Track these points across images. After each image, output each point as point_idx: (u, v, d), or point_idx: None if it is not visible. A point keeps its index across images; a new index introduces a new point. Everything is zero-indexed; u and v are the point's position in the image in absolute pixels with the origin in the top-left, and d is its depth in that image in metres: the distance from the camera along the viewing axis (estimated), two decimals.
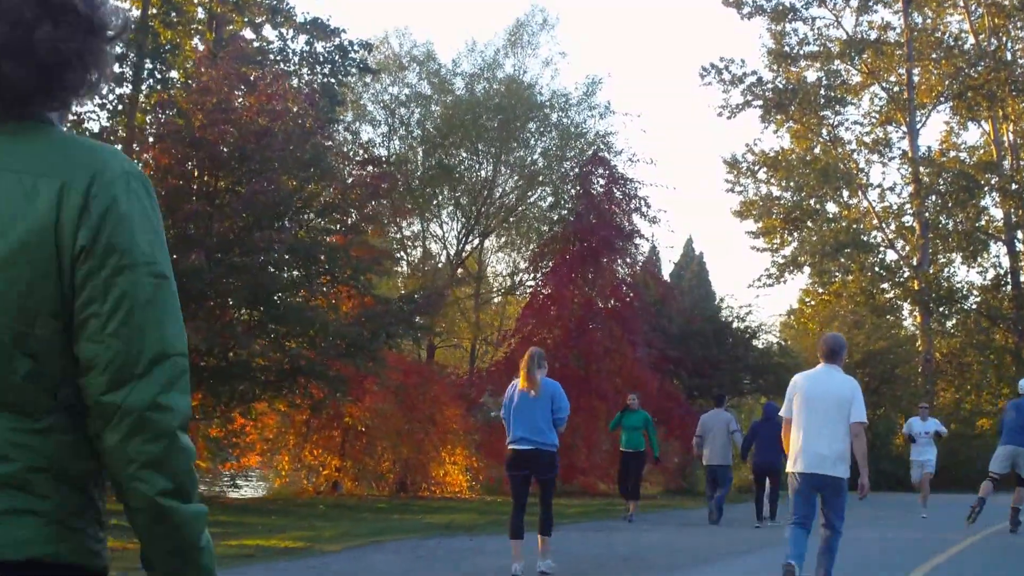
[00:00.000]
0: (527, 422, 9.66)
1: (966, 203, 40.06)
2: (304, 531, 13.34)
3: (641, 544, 13.33)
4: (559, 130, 28.49)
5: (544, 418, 9.65)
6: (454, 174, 27.96)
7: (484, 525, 15.39)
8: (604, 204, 26.91)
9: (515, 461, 9.82)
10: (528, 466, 9.76)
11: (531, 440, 9.65)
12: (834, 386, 8.40)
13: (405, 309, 19.41)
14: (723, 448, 17.23)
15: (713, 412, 17.90)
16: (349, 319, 19.15)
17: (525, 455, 9.71)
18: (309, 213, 19.92)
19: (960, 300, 40.44)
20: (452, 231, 28.68)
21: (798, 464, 8.38)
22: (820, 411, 8.30)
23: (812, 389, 8.41)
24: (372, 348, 18.59)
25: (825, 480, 8.28)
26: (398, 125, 28.21)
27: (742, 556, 12.25)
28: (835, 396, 8.32)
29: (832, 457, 8.25)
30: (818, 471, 8.27)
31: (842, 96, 41.45)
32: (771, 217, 42.55)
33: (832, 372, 8.48)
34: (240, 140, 18.27)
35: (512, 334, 27.01)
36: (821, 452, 8.25)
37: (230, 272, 17.62)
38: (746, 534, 15.22)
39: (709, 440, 17.29)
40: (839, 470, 8.29)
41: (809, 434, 8.31)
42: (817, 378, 8.51)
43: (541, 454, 9.68)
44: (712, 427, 17.32)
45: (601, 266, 26.48)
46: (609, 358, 26.23)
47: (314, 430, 23.57)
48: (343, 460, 23.17)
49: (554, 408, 9.67)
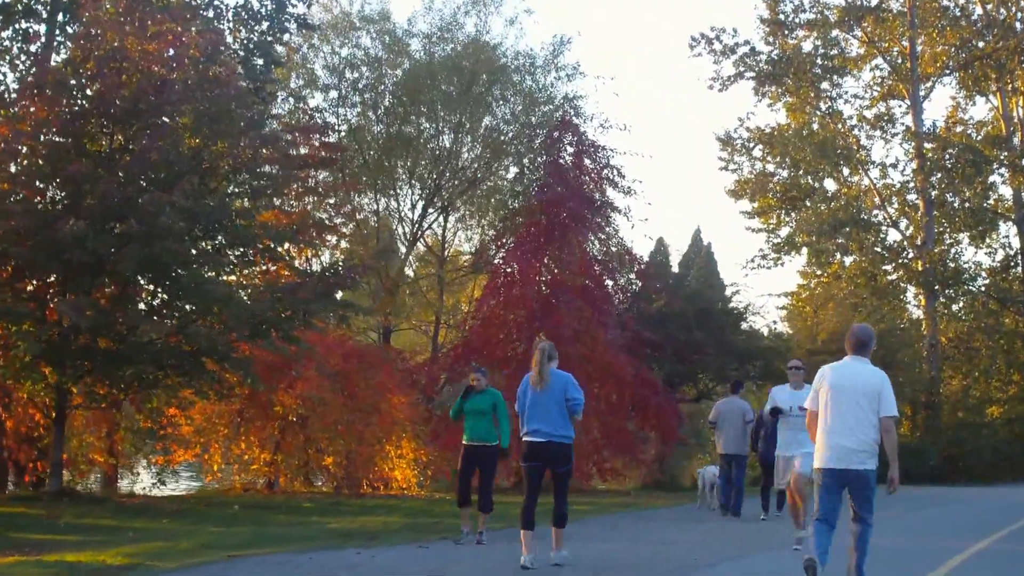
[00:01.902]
0: (542, 414, 9.73)
1: (973, 179, 37.65)
2: (157, 542, 11.10)
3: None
4: (525, 95, 26.13)
5: (559, 410, 9.70)
6: (412, 144, 25.64)
7: (401, 531, 13.12)
8: (573, 174, 24.58)
9: (530, 453, 9.84)
10: (543, 458, 9.79)
11: (545, 432, 9.69)
12: (862, 378, 8.23)
13: (320, 284, 17.03)
14: (739, 436, 16.61)
15: (729, 399, 17.20)
16: (265, 295, 16.88)
17: (539, 447, 9.75)
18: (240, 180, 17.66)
19: (967, 282, 38.10)
20: (408, 203, 26.35)
21: (823, 459, 8.22)
22: (847, 404, 8.15)
23: (839, 381, 8.26)
24: (286, 327, 16.30)
25: (851, 475, 8.13)
26: (350, 91, 25.88)
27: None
28: (863, 388, 8.16)
29: (859, 451, 8.11)
30: (844, 466, 8.12)
31: (840, 66, 38.97)
32: (767, 196, 40.21)
33: (860, 364, 8.34)
34: (136, 92, 16.02)
35: (472, 316, 24.74)
36: (847, 446, 8.10)
37: (120, 241, 15.38)
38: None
39: (723, 428, 16.67)
40: (866, 464, 8.13)
41: (835, 428, 8.17)
42: (844, 370, 8.34)
43: (555, 446, 9.73)
44: (728, 415, 16.70)
45: (570, 241, 24.14)
46: (579, 342, 23.90)
47: (248, 421, 21.34)
48: (274, 454, 20.91)
49: (568, 398, 9.70)
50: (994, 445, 32.81)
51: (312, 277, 17.46)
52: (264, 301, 16.34)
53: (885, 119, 40.01)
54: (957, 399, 35.46)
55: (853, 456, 8.08)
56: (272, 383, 20.29)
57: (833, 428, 8.17)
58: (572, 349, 23.50)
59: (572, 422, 9.84)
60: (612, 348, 23.61)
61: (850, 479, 8.12)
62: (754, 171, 40.55)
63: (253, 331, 16.54)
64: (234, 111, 16.31)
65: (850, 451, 8.09)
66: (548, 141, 24.63)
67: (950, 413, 34.39)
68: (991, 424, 34.72)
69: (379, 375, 20.94)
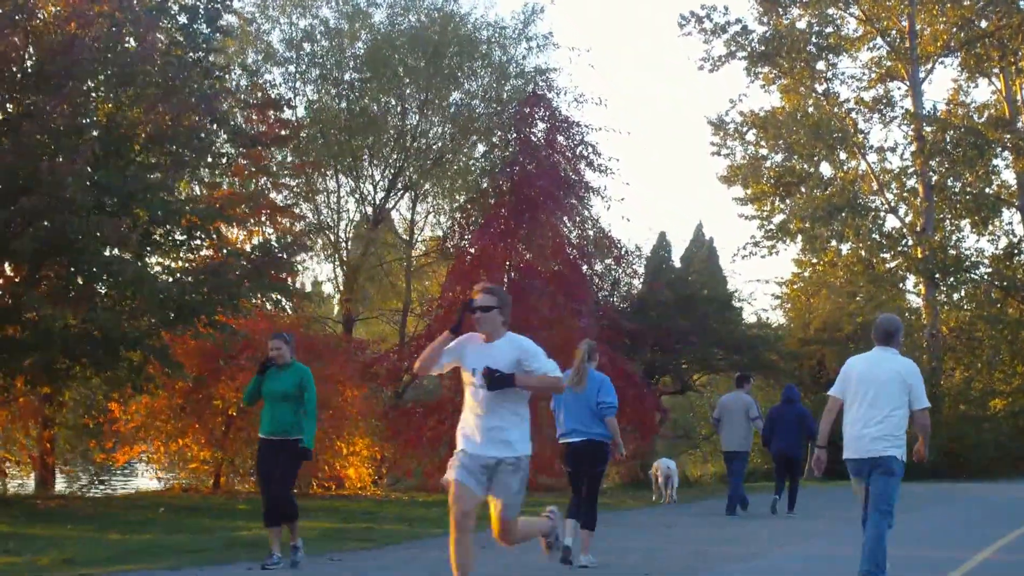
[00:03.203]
0: (576, 414, 9.68)
1: (975, 161, 36.02)
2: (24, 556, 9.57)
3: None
4: (496, 68, 24.50)
5: (590, 412, 9.64)
6: (375, 121, 24.04)
7: (316, 540, 11.57)
8: (545, 152, 23.00)
9: (569, 455, 9.88)
10: (579, 457, 9.77)
11: (581, 432, 9.66)
12: (891, 370, 8.06)
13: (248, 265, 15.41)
14: (742, 433, 16.08)
15: (734, 394, 16.67)
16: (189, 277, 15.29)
17: (577, 447, 9.74)
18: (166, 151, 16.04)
19: (969, 269, 36.49)
20: (371, 184, 24.72)
21: (851, 450, 8.11)
22: (875, 395, 8.01)
23: (867, 372, 8.11)
24: (208, 312, 14.73)
25: (875, 461, 7.98)
26: (309, 66, 24.28)
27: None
28: (892, 380, 8.01)
29: (881, 438, 7.96)
30: (867, 455, 8.00)
31: (836, 44, 37.32)
32: (760, 182, 38.61)
33: (889, 355, 8.18)
34: (43, 54, 14.46)
35: (436, 303, 23.19)
36: (872, 435, 7.98)
37: (18, 216, 13.82)
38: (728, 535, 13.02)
39: (727, 424, 16.13)
40: (888, 450, 7.95)
41: (862, 419, 8.04)
42: (872, 361, 8.18)
43: (592, 445, 9.70)
44: (731, 410, 16.14)
45: (541, 223, 22.55)
46: (551, 330, 22.32)
47: (190, 416, 19.75)
48: (215, 452, 19.36)
49: (599, 402, 9.63)
50: (997, 439, 31.45)
51: (238, 256, 15.75)
52: (183, 284, 14.76)
53: (883, 102, 38.38)
54: (958, 391, 33.93)
55: (875, 444, 7.96)
56: (213, 375, 18.80)
57: (859, 419, 8.04)
58: (542, 337, 21.94)
59: (608, 424, 9.76)
60: (585, 336, 21.95)
61: (873, 467, 7.99)
62: (748, 156, 39.00)
63: (178, 316, 14.98)
64: (150, 71, 14.70)
65: (874, 439, 7.96)
66: (517, 116, 23.04)
67: (951, 406, 32.82)
68: (994, 417, 33.22)
69: (330, 367, 19.33)
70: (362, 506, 16.88)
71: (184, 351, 18.61)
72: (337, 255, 24.33)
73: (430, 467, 21.83)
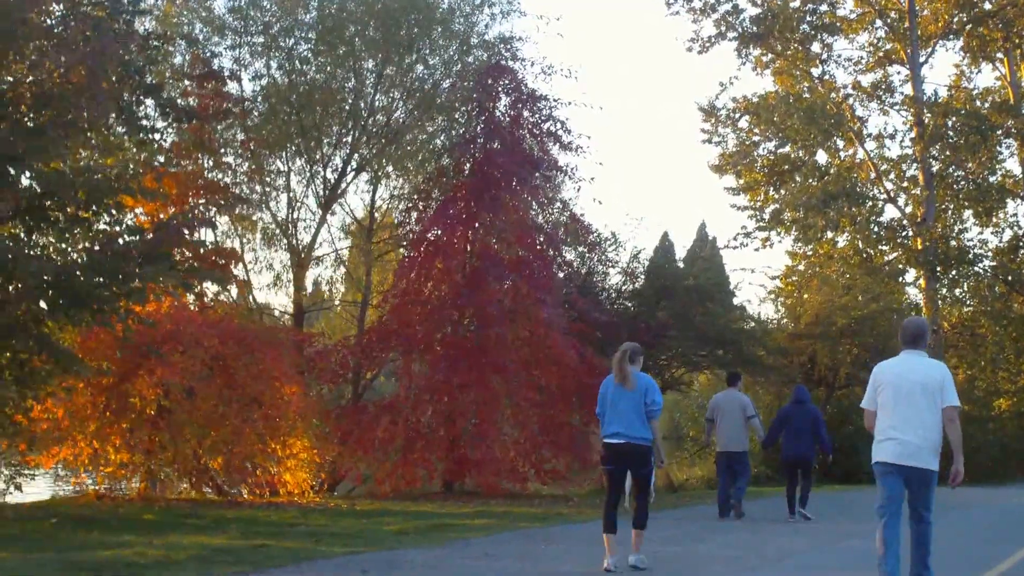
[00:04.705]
0: (621, 416, 9.85)
1: (979, 148, 34.11)
2: None
3: None
4: (456, 37, 22.58)
5: (637, 412, 9.79)
6: (329, 96, 22.14)
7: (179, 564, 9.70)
8: (509, 128, 21.11)
9: (609, 455, 10.02)
10: (623, 461, 9.96)
11: (625, 435, 9.81)
12: (923, 372, 8.11)
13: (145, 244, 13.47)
14: (739, 432, 15.74)
15: (726, 392, 16.29)
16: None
17: (619, 449, 9.90)
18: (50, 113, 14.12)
19: (972, 262, 34.62)
20: (321, 163, 22.77)
21: (886, 453, 8.09)
22: (910, 399, 8.03)
23: (900, 376, 8.14)
24: (99, 297, 12.85)
25: (915, 472, 8.03)
26: (258, 37, 22.38)
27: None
28: (925, 382, 8.05)
29: (925, 448, 7.99)
30: (909, 463, 8.01)
31: (832, 23, 35.39)
32: (753, 170, 36.70)
33: (918, 358, 8.22)
34: None
35: (389, 293, 21.32)
36: (914, 442, 7.99)
37: None
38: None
39: (722, 424, 15.80)
40: (931, 462, 8.04)
41: (900, 424, 8.03)
42: (903, 365, 8.23)
43: (635, 448, 9.86)
44: (725, 409, 15.83)
45: (502, 204, 20.66)
46: (513, 322, 20.46)
47: (115, 414, 17.87)
48: (132, 455, 17.49)
49: (647, 402, 9.78)
50: (1002, 441, 29.74)
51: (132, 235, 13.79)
52: (69, 265, 12.87)
53: (882, 87, 36.45)
54: (961, 391, 31.78)
55: (919, 453, 7.96)
56: (134, 370, 16.96)
57: (897, 424, 8.03)
58: (504, 329, 20.10)
59: (651, 426, 9.86)
60: (552, 329, 20.12)
61: (912, 476, 8.02)
62: (740, 143, 37.09)
63: (71, 302, 13.10)
64: (27, 19, 12.81)
65: (917, 448, 7.97)
66: (478, 89, 21.13)
67: None
68: (999, 418, 31.42)
69: (264, 361, 17.46)
70: (286, 516, 15.00)
71: (101, 343, 16.85)
72: (286, 240, 22.47)
73: (381, 472, 19.98)
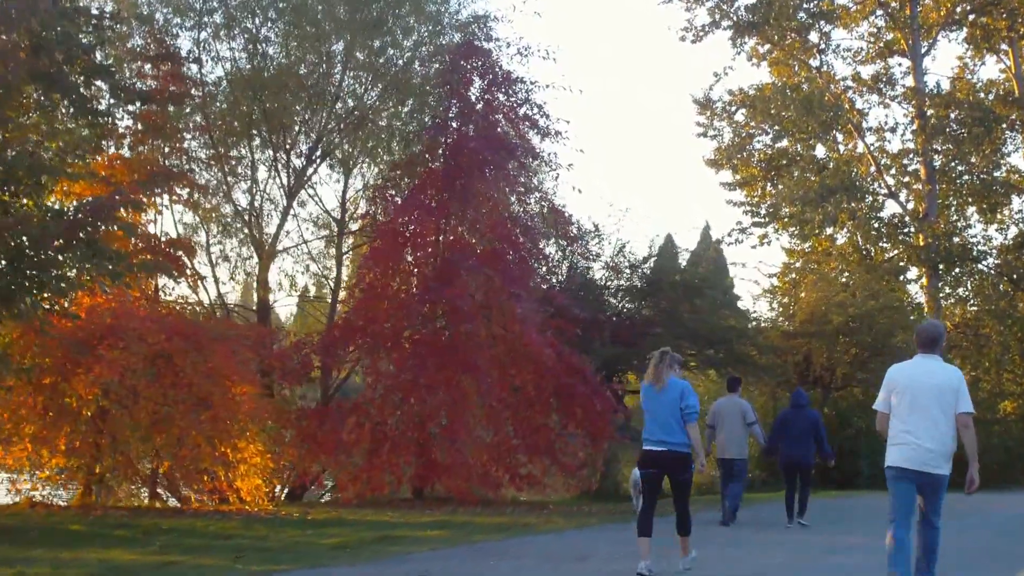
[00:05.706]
0: (658, 421, 9.84)
1: (982, 140, 32.86)
2: None
3: None
4: (428, 18, 21.33)
5: (675, 416, 9.77)
6: (294, 78, 20.90)
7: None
8: (482, 111, 19.87)
9: (647, 460, 9.98)
10: (660, 466, 9.90)
11: (663, 441, 9.80)
12: (937, 377, 8.09)
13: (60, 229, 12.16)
14: (739, 439, 15.41)
15: (727, 398, 15.85)
16: None
17: (656, 455, 9.88)
18: None
19: (975, 260, 33.38)
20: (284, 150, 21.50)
21: (899, 458, 8.09)
22: (924, 403, 8.02)
23: (913, 381, 8.13)
24: (9, 288, 11.59)
25: (925, 478, 8.03)
26: (220, 18, 21.15)
27: None
28: (940, 387, 8.02)
29: (939, 453, 8.01)
30: (921, 468, 8.01)
31: (829, 10, 34.12)
32: (750, 165, 35.47)
33: (933, 362, 8.20)
34: None
35: (355, 287, 20.07)
36: (928, 447, 7.99)
37: None
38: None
39: (723, 430, 15.40)
40: (942, 468, 8.03)
41: (914, 428, 8.03)
42: (918, 369, 8.20)
43: (673, 455, 9.83)
44: (726, 415, 15.45)
45: (476, 193, 19.40)
46: (486, 318, 19.18)
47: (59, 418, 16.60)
48: (69, 459, 16.24)
49: (682, 406, 9.77)
50: (1007, 445, 28.43)
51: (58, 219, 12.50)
52: None
53: (883, 80, 35.18)
54: None
55: (932, 459, 7.97)
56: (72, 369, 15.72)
57: (911, 428, 8.02)
58: (476, 326, 18.84)
59: (689, 430, 9.80)
60: (528, 326, 18.83)
61: (924, 482, 8.02)
62: (736, 136, 35.86)
63: None
64: None
65: (930, 453, 7.98)
66: (450, 70, 19.88)
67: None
68: (1004, 421, 30.13)
69: (214, 358, 16.19)
70: (228, 527, 13.73)
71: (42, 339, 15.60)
72: (248, 231, 21.21)
73: (344, 477, 18.70)
